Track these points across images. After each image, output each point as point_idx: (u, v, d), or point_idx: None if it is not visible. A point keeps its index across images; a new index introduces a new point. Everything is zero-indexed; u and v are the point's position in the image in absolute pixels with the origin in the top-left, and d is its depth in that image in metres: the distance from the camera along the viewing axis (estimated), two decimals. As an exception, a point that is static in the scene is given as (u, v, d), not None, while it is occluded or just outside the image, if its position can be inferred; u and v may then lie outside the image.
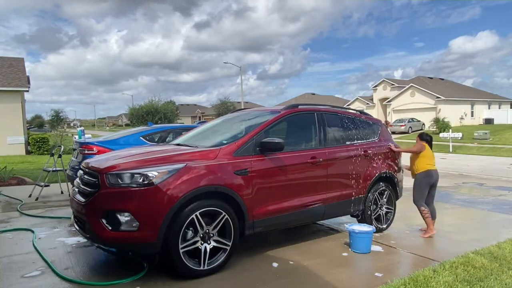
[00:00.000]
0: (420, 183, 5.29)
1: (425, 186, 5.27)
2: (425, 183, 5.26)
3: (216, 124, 5.40)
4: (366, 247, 4.41)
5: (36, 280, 3.53)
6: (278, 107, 4.93)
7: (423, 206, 5.21)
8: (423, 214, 5.21)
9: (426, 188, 5.27)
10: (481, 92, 49.29)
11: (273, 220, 4.12)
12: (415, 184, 5.34)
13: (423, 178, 5.28)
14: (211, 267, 3.63)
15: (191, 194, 3.48)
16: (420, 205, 5.24)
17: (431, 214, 5.27)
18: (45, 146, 19.45)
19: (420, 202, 5.25)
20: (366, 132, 5.33)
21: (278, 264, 3.99)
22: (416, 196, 5.29)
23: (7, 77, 19.98)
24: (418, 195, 5.28)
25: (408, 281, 3.45)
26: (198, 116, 78.65)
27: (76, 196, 3.82)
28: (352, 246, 4.48)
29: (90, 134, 19.97)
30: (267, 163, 4.05)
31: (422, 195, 5.27)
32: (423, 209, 5.20)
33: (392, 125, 37.90)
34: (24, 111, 21.54)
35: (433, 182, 5.31)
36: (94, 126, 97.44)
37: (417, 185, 5.31)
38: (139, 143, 6.65)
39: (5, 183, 9.03)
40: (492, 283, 3.47)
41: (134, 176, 3.43)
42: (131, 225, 3.35)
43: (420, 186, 5.29)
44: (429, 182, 5.26)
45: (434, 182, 5.31)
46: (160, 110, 42.46)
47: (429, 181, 5.26)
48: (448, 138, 24.60)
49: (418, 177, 5.33)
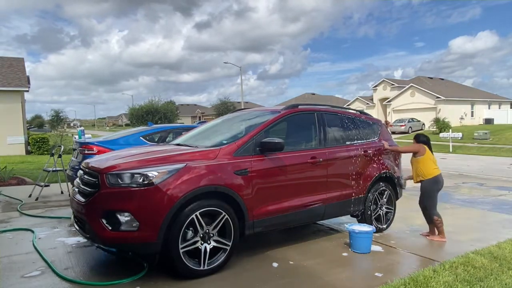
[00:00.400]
0: (430, 191, 5.03)
1: (435, 193, 5.04)
2: (435, 190, 5.03)
3: (216, 124, 5.41)
4: (366, 247, 4.41)
5: (36, 280, 3.53)
6: (278, 107, 4.93)
7: (437, 215, 5.01)
8: (437, 223, 5.00)
9: (436, 195, 5.06)
10: (481, 92, 49.29)
11: (273, 220, 4.12)
12: (425, 192, 5.07)
13: (432, 185, 5.01)
14: (211, 267, 3.63)
15: (191, 194, 3.49)
16: (434, 214, 5.02)
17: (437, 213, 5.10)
18: (45, 146, 19.44)
19: (433, 211, 5.02)
20: (366, 132, 5.33)
21: (278, 264, 3.99)
22: (429, 205, 5.04)
23: (7, 77, 19.97)
24: (430, 204, 5.04)
25: (408, 281, 3.45)
26: (198, 116, 78.61)
27: (76, 196, 3.82)
28: (352, 246, 4.48)
29: (90, 134, 19.97)
30: (267, 163, 4.06)
31: (435, 203, 5.05)
32: (437, 218, 4.99)
33: (392, 125, 37.90)
34: (24, 111, 21.53)
35: (441, 187, 5.11)
36: (94, 126, 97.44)
37: (427, 193, 5.04)
38: (139, 143, 6.65)
39: (5, 183, 9.03)
40: (492, 283, 3.47)
41: (134, 176, 3.43)
42: (131, 225, 3.35)
43: (430, 194, 5.03)
44: (438, 189, 5.05)
45: (442, 187, 5.11)
46: (160, 110, 42.46)
47: (438, 187, 5.04)
48: (448, 138, 24.58)
49: (426, 185, 5.04)
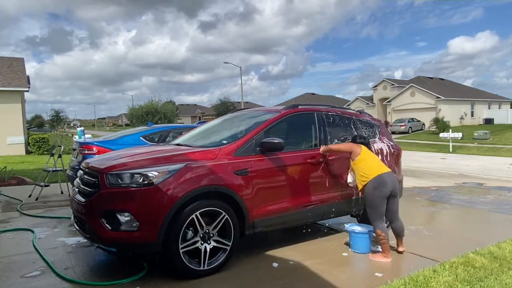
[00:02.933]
0: (373, 198, 4.12)
1: (379, 200, 4.10)
2: (377, 196, 4.10)
3: (216, 124, 5.41)
4: (366, 247, 4.40)
5: (36, 280, 3.53)
6: (278, 107, 4.94)
7: (381, 229, 4.11)
8: (379, 238, 4.13)
9: (383, 202, 4.12)
10: (481, 92, 49.29)
11: (273, 220, 4.12)
12: (366, 199, 4.24)
13: (373, 190, 4.11)
14: (211, 267, 3.63)
15: (191, 194, 3.49)
16: (377, 226, 4.13)
17: (398, 231, 4.29)
18: (45, 146, 19.44)
19: (377, 223, 4.13)
20: (366, 132, 5.32)
21: (278, 264, 3.99)
22: (372, 215, 4.17)
23: (7, 77, 19.97)
24: (374, 214, 4.15)
25: (408, 281, 3.45)
26: (198, 116, 78.62)
27: (76, 196, 3.82)
28: (352, 246, 4.47)
29: (90, 134, 19.95)
30: (267, 163, 4.05)
31: (380, 213, 4.14)
32: (380, 232, 4.10)
33: (392, 125, 37.89)
34: (24, 111, 21.55)
35: (389, 192, 4.12)
36: (94, 126, 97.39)
37: (369, 201, 4.16)
38: (139, 143, 6.64)
39: (5, 183, 9.02)
40: (492, 283, 3.46)
41: (134, 176, 3.43)
42: (131, 225, 3.35)
43: (372, 201, 4.12)
44: (382, 194, 4.09)
45: (390, 191, 4.12)
46: (160, 110, 42.45)
47: (381, 191, 4.08)
48: (448, 138, 24.58)
49: (367, 191, 4.18)
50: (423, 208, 7.20)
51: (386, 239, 4.14)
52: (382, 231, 4.12)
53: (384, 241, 4.13)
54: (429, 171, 13.56)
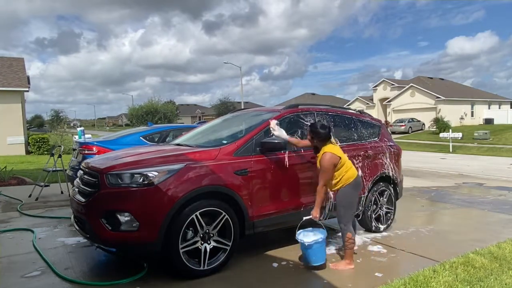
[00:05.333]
0: (351, 198, 3.93)
1: (356, 200, 4.03)
2: (356, 196, 4.02)
3: (216, 124, 5.41)
4: (323, 257, 3.83)
5: (36, 280, 3.53)
6: (278, 107, 4.93)
7: (351, 232, 3.89)
8: (347, 243, 3.88)
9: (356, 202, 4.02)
10: (481, 92, 49.29)
11: (273, 220, 4.12)
12: (343, 199, 3.91)
13: (354, 190, 3.94)
14: (211, 267, 3.63)
15: (191, 194, 3.49)
16: (348, 229, 3.87)
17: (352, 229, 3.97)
18: (45, 146, 19.43)
19: (349, 226, 3.89)
20: (366, 132, 5.32)
21: (278, 264, 3.99)
22: (348, 217, 3.91)
23: (7, 77, 19.96)
24: (349, 216, 3.92)
25: (408, 281, 3.45)
26: (198, 116, 78.61)
27: (76, 196, 3.82)
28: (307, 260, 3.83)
29: (90, 134, 19.94)
30: (267, 163, 4.05)
31: (352, 215, 4.01)
32: (350, 236, 3.86)
33: (392, 125, 37.89)
34: (24, 111, 21.53)
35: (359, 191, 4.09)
36: (94, 126, 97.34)
37: (347, 201, 3.90)
38: (139, 143, 6.64)
39: (5, 183, 9.02)
40: (492, 283, 3.46)
41: (134, 176, 3.43)
42: (131, 225, 3.35)
43: (350, 202, 3.91)
44: (358, 195, 4.07)
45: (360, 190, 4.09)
46: (160, 110, 42.47)
47: (358, 193, 4.06)
48: (448, 138, 24.59)
49: (347, 190, 3.89)
50: (423, 208, 7.20)
51: (354, 244, 3.95)
52: (352, 235, 3.91)
53: (351, 246, 3.91)
54: (429, 171, 13.56)
